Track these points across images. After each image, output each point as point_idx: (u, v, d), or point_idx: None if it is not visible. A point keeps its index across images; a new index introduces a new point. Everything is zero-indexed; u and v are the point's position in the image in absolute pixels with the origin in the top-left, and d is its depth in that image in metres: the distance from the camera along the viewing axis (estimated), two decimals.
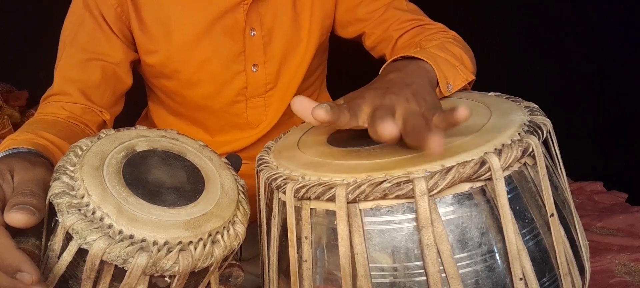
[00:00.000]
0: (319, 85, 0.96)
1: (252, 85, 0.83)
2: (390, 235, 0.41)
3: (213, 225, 0.46)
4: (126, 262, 0.41)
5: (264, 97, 0.85)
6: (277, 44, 0.82)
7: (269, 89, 0.85)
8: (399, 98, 0.47)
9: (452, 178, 0.40)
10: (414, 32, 0.80)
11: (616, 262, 1.09)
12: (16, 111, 1.57)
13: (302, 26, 0.83)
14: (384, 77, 0.54)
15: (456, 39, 0.75)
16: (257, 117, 0.87)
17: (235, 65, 0.81)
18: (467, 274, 0.40)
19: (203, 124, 0.89)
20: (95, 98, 0.77)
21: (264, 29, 0.80)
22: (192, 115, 0.88)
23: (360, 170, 0.43)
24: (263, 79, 0.83)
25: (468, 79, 0.62)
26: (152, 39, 0.78)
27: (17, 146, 0.54)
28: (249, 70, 0.82)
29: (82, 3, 0.76)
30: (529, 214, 0.43)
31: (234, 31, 0.79)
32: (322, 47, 0.89)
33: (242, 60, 0.81)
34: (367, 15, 0.84)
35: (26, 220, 0.40)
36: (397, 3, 0.83)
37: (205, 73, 0.80)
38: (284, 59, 0.83)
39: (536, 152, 0.43)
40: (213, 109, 0.84)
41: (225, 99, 0.83)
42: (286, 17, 0.81)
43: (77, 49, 0.76)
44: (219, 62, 0.80)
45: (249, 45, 0.80)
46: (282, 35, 0.82)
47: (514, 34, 1.82)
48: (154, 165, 0.50)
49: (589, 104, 1.76)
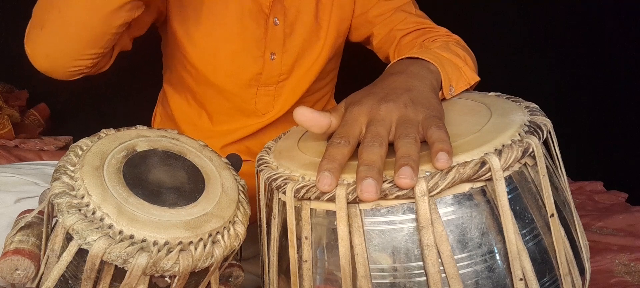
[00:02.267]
0: (328, 90, 0.97)
1: (266, 72, 0.84)
2: (391, 236, 0.41)
3: (213, 225, 0.46)
4: (126, 262, 0.41)
5: (275, 87, 0.86)
6: (297, 37, 0.84)
7: (282, 80, 0.86)
8: (397, 105, 0.46)
9: (452, 178, 0.40)
10: (418, 33, 0.81)
11: (616, 262, 1.09)
12: (16, 111, 1.57)
13: (322, 26, 0.85)
14: (386, 79, 0.54)
15: (459, 42, 0.76)
16: (265, 105, 0.88)
17: (255, 49, 0.82)
18: (467, 274, 0.40)
19: (210, 105, 0.89)
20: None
21: (287, 22, 0.83)
22: (201, 92, 0.88)
23: None
24: (278, 68, 0.85)
25: (471, 81, 0.61)
26: (183, 6, 0.80)
27: None
28: (267, 57, 0.83)
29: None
30: (529, 214, 0.43)
31: (259, 16, 0.81)
32: (337, 51, 0.91)
33: (262, 45, 0.82)
34: (375, 18, 0.86)
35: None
36: (406, 7, 0.85)
37: (226, 49, 0.82)
38: (300, 53, 0.85)
39: (536, 153, 0.43)
40: (225, 89, 0.85)
41: (239, 81, 0.84)
42: (309, 15, 0.83)
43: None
44: (241, 42, 0.81)
45: (270, 33, 0.82)
46: (303, 30, 0.84)
47: (513, 34, 1.82)
48: (154, 165, 0.50)
49: (589, 104, 1.76)
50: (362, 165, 0.41)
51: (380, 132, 0.44)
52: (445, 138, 0.42)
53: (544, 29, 1.80)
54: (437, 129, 0.43)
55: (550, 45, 1.82)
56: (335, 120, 0.48)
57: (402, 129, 0.44)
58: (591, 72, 1.75)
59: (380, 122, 0.45)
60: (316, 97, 0.94)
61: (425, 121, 0.45)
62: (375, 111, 0.46)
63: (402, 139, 0.42)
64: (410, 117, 0.45)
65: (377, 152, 0.42)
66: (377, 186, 0.39)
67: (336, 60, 0.94)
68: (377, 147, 0.42)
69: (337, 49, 0.90)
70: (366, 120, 0.46)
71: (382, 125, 0.45)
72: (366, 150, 0.42)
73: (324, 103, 0.98)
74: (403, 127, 0.44)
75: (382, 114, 0.46)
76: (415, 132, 0.43)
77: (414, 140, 0.42)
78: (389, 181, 0.40)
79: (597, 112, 1.74)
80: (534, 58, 1.84)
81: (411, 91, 0.49)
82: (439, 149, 0.40)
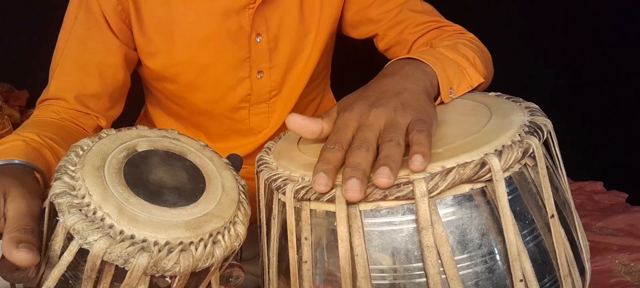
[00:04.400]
0: (323, 87, 0.95)
1: (256, 91, 0.81)
2: (390, 237, 0.41)
3: (214, 225, 0.46)
4: (127, 262, 0.41)
5: (268, 104, 0.84)
6: (283, 49, 0.80)
7: (273, 96, 0.83)
8: (386, 109, 0.47)
9: (452, 179, 0.40)
10: (431, 35, 0.78)
11: (616, 262, 1.10)
12: (16, 111, 1.57)
13: (310, 30, 0.81)
14: (380, 81, 0.53)
15: (473, 41, 0.73)
16: (259, 123, 0.85)
17: (240, 72, 0.79)
18: (467, 276, 0.41)
19: (204, 128, 0.87)
20: (92, 104, 0.75)
21: (270, 35, 0.78)
22: (192, 119, 0.86)
23: None
24: (268, 85, 0.81)
25: (473, 83, 0.60)
26: (152, 41, 0.76)
27: (12, 158, 0.53)
28: (254, 77, 0.80)
29: (80, 2, 0.74)
30: (529, 215, 0.43)
31: (239, 36, 0.76)
32: (328, 50, 0.87)
33: (247, 66, 0.79)
34: (379, 16, 0.81)
35: (31, 260, 0.40)
36: (412, 4, 0.81)
37: (208, 78, 0.78)
38: (289, 65, 0.81)
39: (537, 153, 0.43)
40: (215, 114, 0.83)
41: (228, 105, 0.82)
42: (293, 21, 0.79)
43: (73, 51, 0.74)
44: (224, 67, 0.78)
45: (254, 52, 0.78)
46: (288, 40, 0.80)
47: (513, 34, 1.82)
48: (155, 166, 0.50)
49: (589, 104, 1.76)
50: (348, 166, 0.42)
51: (368, 137, 0.44)
52: (423, 141, 0.42)
53: (544, 28, 1.81)
54: (417, 133, 0.43)
55: (550, 45, 1.82)
56: (327, 126, 0.49)
57: (387, 133, 0.44)
58: (591, 72, 1.75)
59: (369, 128, 0.45)
60: (311, 97, 0.92)
61: (410, 124, 0.45)
62: (364, 117, 0.47)
63: (385, 143, 0.43)
64: (398, 121, 0.46)
65: (364, 156, 0.42)
66: (362, 186, 0.40)
67: (327, 56, 0.90)
68: (363, 151, 0.43)
69: (328, 48, 0.86)
70: (356, 125, 0.47)
71: (371, 131, 0.45)
72: (353, 154, 0.43)
73: (319, 100, 0.95)
74: (388, 131, 0.45)
75: (371, 120, 0.46)
76: (400, 136, 0.44)
77: (397, 144, 0.43)
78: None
79: (597, 112, 1.74)
80: (534, 58, 1.84)
81: (402, 94, 0.49)
82: (415, 152, 0.41)
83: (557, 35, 1.79)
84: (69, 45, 0.74)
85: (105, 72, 0.75)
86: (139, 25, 0.76)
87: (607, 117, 1.72)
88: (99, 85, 0.75)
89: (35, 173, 0.53)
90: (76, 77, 0.74)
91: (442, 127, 0.49)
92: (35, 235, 0.43)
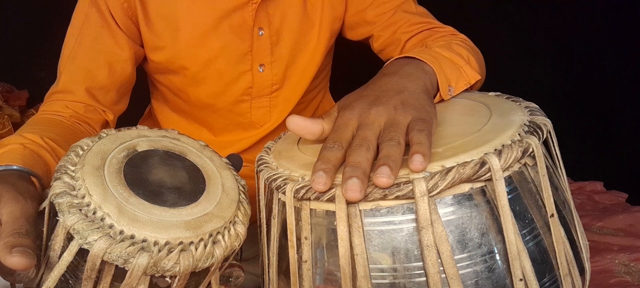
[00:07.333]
0: (323, 87, 0.96)
1: (257, 85, 0.83)
2: (390, 236, 0.41)
3: (214, 225, 0.46)
4: (127, 262, 0.41)
5: (269, 98, 0.85)
6: (285, 44, 0.81)
7: (275, 90, 0.84)
8: (387, 108, 0.47)
9: (452, 179, 0.40)
10: (423, 35, 0.80)
11: (616, 262, 1.10)
12: (16, 111, 1.57)
13: (312, 28, 0.82)
14: (379, 80, 0.54)
15: (465, 41, 0.74)
16: (261, 117, 0.86)
17: (242, 65, 0.80)
18: (467, 275, 0.41)
19: (207, 122, 0.89)
20: (100, 97, 0.77)
21: (272, 29, 0.80)
22: (195, 113, 0.88)
23: None
24: (269, 79, 0.83)
25: (471, 80, 0.61)
26: (158, 36, 0.78)
27: (9, 164, 0.54)
28: (255, 70, 0.81)
29: (90, 1, 0.76)
30: (529, 215, 0.43)
31: (242, 30, 0.78)
32: (329, 49, 0.89)
33: (248, 59, 0.80)
34: (375, 18, 0.83)
35: (26, 264, 0.40)
36: (406, 6, 0.83)
37: (211, 71, 0.80)
38: (291, 60, 0.83)
39: (536, 153, 0.43)
40: (217, 107, 0.84)
41: (230, 98, 0.83)
42: (295, 17, 0.81)
43: (83, 46, 0.76)
44: (226, 60, 0.79)
45: (256, 45, 0.80)
46: (291, 36, 0.81)
47: (513, 34, 1.82)
48: (155, 165, 0.50)
49: (589, 104, 1.76)
50: (348, 166, 0.42)
51: (368, 136, 0.44)
52: (423, 141, 0.42)
53: (544, 28, 1.81)
54: (418, 132, 0.43)
55: (551, 45, 1.82)
56: (327, 126, 0.49)
57: (387, 132, 0.44)
58: (591, 72, 1.75)
59: (369, 127, 0.45)
60: (311, 95, 0.93)
61: (411, 124, 0.45)
62: (365, 116, 0.47)
63: (385, 142, 0.43)
64: (398, 120, 0.46)
65: (364, 155, 0.42)
66: (362, 186, 0.40)
67: (328, 56, 0.92)
68: (363, 150, 0.43)
69: (330, 48, 0.88)
70: (357, 124, 0.47)
71: (371, 130, 0.45)
72: (353, 153, 0.43)
73: (320, 99, 0.97)
74: (388, 130, 0.45)
75: (372, 118, 0.46)
76: (400, 135, 0.44)
77: (397, 143, 0.43)
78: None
79: (597, 112, 1.74)
80: (534, 58, 1.84)
81: (402, 93, 0.49)
82: (415, 151, 0.41)
83: (557, 35, 1.79)
84: (79, 41, 0.76)
85: (114, 66, 0.77)
86: (146, 21, 0.78)
87: (607, 117, 1.72)
88: (107, 77, 0.77)
89: (31, 177, 0.54)
90: (87, 70, 0.76)
91: (442, 127, 0.49)
92: (31, 237, 0.42)
